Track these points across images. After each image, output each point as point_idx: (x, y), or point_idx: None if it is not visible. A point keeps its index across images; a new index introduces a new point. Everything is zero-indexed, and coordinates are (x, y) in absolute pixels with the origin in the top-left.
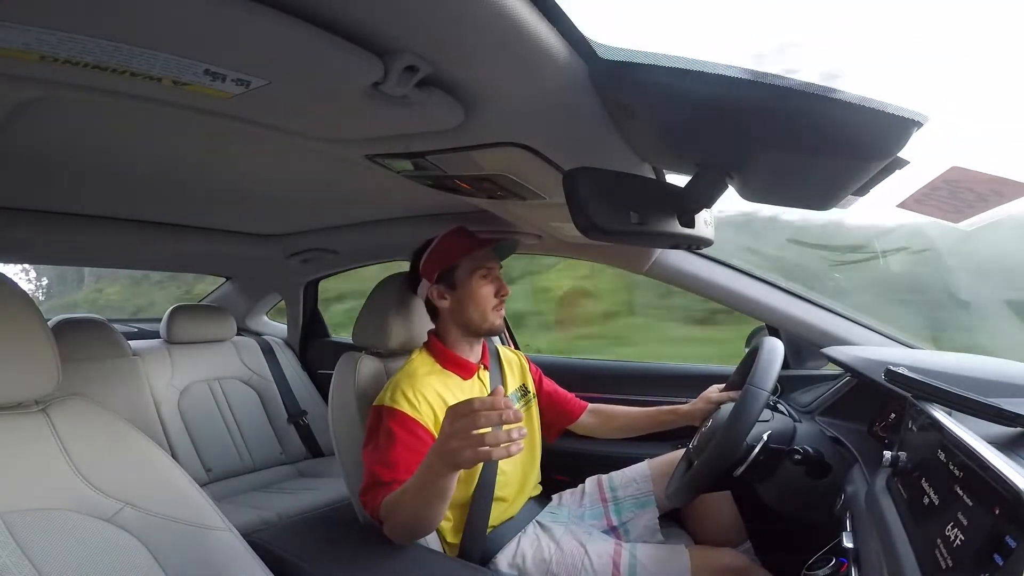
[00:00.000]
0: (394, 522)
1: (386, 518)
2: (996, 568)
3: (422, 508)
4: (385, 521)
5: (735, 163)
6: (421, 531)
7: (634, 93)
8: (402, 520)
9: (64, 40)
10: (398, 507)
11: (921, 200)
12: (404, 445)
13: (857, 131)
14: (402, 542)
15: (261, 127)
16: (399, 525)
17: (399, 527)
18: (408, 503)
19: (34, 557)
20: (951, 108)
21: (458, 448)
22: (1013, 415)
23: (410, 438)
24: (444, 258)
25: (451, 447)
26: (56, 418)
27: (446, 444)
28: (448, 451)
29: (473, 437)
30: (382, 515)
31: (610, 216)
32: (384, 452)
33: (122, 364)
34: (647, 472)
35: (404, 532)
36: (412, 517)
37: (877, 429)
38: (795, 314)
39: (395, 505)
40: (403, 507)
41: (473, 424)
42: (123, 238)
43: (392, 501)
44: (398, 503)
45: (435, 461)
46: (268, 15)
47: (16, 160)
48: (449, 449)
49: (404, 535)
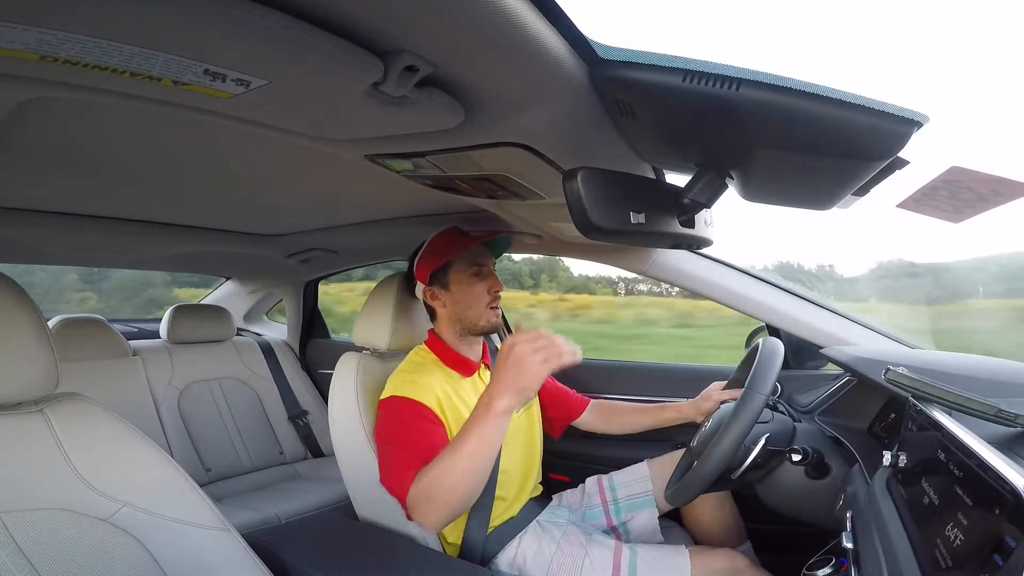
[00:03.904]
0: (435, 501)
1: (424, 499)
2: (996, 568)
3: (470, 475)
4: (422, 504)
5: (735, 163)
6: (465, 503)
7: (634, 93)
8: (444, 496)
9: (64, 40)
10: (438, 483)
11: (921, 200)
12: (420, 429)
13: (857, 131)
14: (438, 524)
15: (261, 127)
16: (440, 503)
17: (439, 505)
18: (455, 472)
19: (33, 557)
20: (951, 108)
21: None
22: (1013, 415)
23: (424, 423)
24: (436, 258)
25: (529, 364)
26: (55, 418)
27: (513, 370)
28: (518, 375)
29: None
30: (416, 498)
31: (610, 216)
32: (403, 437)
33: (122, 364)
34: (647, 472)
35: (445, 510)
36: (458, 488)
37: (877, 429)
38: (795, 314)
39: (434, 482)
40: (446, 480)
41: (534, 339)
42: (123, 238)
43: (431, 479)
44: (438, 480)
45: (497, 403)
46: (268, 15)
47: (16, 160)
48: (521, 372)
49: (444, 514)
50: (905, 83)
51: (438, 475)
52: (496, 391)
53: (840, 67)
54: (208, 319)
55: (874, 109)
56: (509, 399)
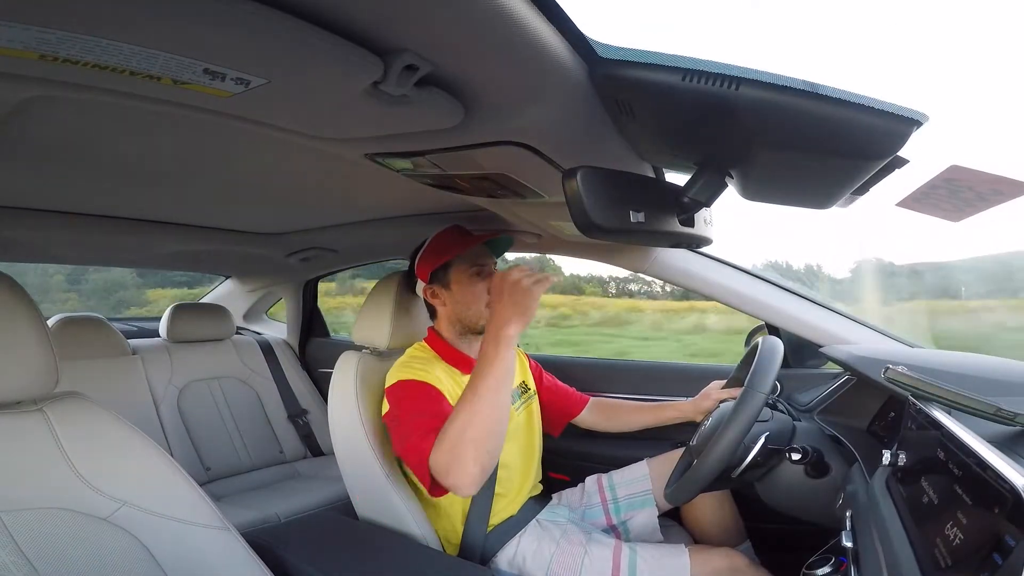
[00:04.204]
0: (464, 457)
1: (452, 459)
2: (995, 567)
3: (495, 416)
4: (452, 465)
5: (734, 162)
6: (494, 452)
7: (634, 92)
8: (473, 448)
9: (63, 39)
10: (463, 436)
11: (921, 199)
12: (433, 399)
13: (857, 130)
14: (471, 483)
15: (261, 126)
16: (469, 457)
17: (469, 458)
18: (478, 416)
19: (32, 556)
20: (950, 107)
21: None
22: (1012, 414)
23: (436, 395)
24: (436, 257)
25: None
26: (54, 417)
27: (511, 297)
28: (518, 299)
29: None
30: (442, 462)
31: (610, 215)
32: (417, 409)
33: (121, 363)
34: (646, 471)
35: (475, 464)
36: (485, 434)
37: (876, 428)
38: (795, 313)
39: (459, 437)
40: (470, 430)
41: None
42: (122, 237)
43: (455, 435)
44: (462, 432)
45: (506, 329)
46: (268, 14)
47: (15, 159)
48: (520, 296)
49: (475, 469)
50: (904, 82)
51: (461, 427)
52: (501, 320)
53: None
54: (208, 318)
55: (874, 108)
56: (516, 324)
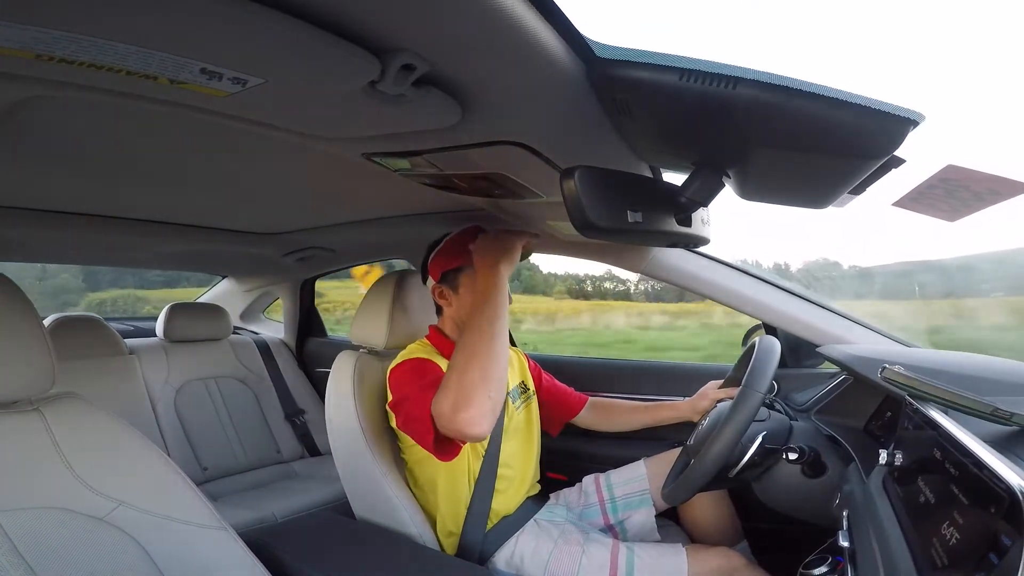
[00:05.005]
0: (473, 396)
1: (462, 399)
2: (991, 567)
3: (497, 346)
4: (461, 406)
5: (732, 161)
6: (502, 385)
7: (631, 91)
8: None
9: (59, 39)
10: (468, 375)
11: (917, 199)
12: (437, 371)
13: (854, 129)
14: (484, 423)
15: (258, 126)
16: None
17: (480, 396)
18: (482, 347)
19: (28, 556)
20: (947, 106)
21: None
22: (1009, 414)
23: (437, 370)
24: (449, 258)
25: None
26: (51, 417)
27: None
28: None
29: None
30: (450, 406)
31: (607, 214)
32: (427, 380)
33: (118, 362)
34: (644, 471)
35: (488, 402)
36: (491, 365)
37: (873, 427)
38: (792, 312)
39: (464, 377)
40: (474, 366)
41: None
42: (119, 237)
43: (458, 376)
44: (466, 371)
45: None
46: (265, 14)
47: (11, 159)
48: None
49: (487, 406)
50: (901, 82)
51: (463, 363)
52: (490, 260)
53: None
54: (205, 318)
55: (870, 108)
56: (505, 264)
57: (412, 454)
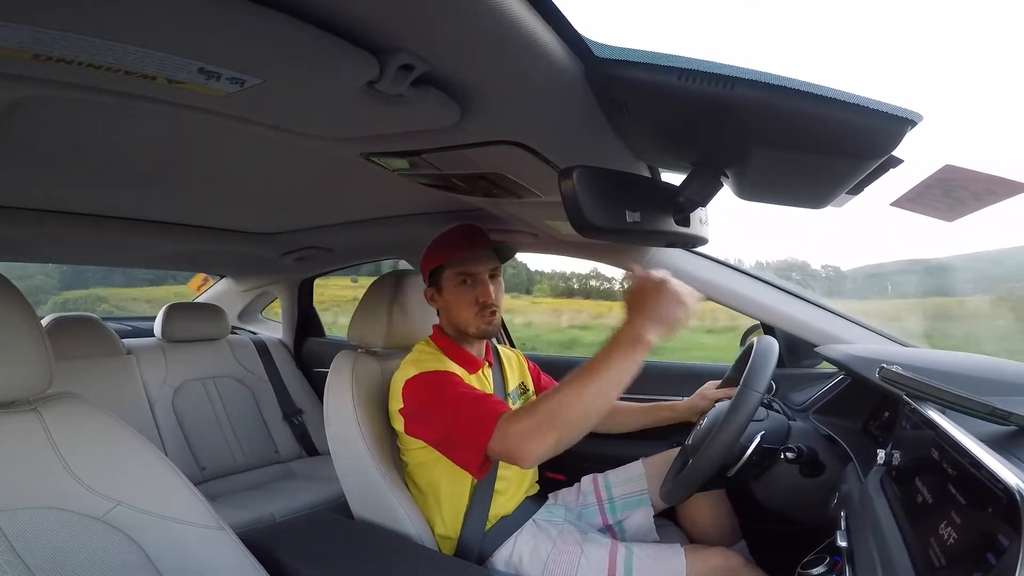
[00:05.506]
0: (554, 428)
1: (537, 425)
2: (989, 567)
3: (602, 404)
4: (533, 431)
5: (730, 161)
6: (581, 434)
7: (630, 91)
8: (566, 425)
9: (57, 39)
10: (564, 410)
11: (915, 199)
12: (463, 383)
13: (852, 130)
14: (545, 454)
15: (256, 125)
16: (558, 430)
17: (557, 432)
18: (586, 396)
19: (26, 556)
20: (945, 107)
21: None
22: (1006, 413)
23: (462, 381)
24: (432, 259)
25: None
26: (48, 417)
27: (666, 303)
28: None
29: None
30: (520, 431)
31: (605, 214)
32: (462, 393)
33: (116, 362)
34: (642, 471)
35: (557, 441)
36: (585, 416)
37: (871, 427)
38: (790, 312)
39: (560, 409)
40: (575, 407)
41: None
42: (117, 237)
43: (555, 406)
44: (564, 406)
45: (647, 335)
46: (263, 14)
47: (10, 158)
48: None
49: (554, 444)
50: (899, 82)
51: (565, 402)
52: (645, 323)
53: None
54: (203, 317)
55: (868, 108)
56: (660, 331)
57: (414, 457)
